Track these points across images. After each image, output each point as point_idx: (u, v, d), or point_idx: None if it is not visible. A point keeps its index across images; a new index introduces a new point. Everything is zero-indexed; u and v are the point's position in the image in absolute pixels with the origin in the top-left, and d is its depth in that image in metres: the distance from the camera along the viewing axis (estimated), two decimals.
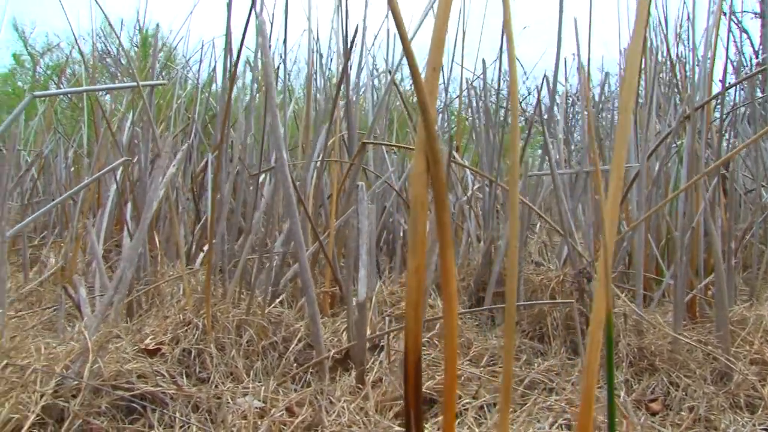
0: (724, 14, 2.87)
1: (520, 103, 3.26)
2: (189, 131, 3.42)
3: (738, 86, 3.06)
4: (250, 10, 1.64)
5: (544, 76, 2.39)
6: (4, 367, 1.42)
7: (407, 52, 0.95)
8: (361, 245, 1.47)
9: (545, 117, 2.46)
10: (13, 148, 1.47)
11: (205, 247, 2.83)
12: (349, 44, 2.41)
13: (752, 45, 5.17)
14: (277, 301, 1.92)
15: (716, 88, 2.49)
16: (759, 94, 3.05)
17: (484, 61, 2.50)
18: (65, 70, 5.29)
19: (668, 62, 2.71)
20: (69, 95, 5.26)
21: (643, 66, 2.66)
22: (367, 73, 2.50)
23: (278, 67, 2.59)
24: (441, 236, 0.98)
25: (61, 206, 3.56)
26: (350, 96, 2.41)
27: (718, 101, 2.40)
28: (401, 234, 2.71)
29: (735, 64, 3.67)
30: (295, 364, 1.72)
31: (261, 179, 2.39)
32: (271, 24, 2.58)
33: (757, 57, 4.94)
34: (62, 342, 1.52)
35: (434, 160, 0.97)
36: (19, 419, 1.31)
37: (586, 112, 2.84)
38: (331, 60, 2.77)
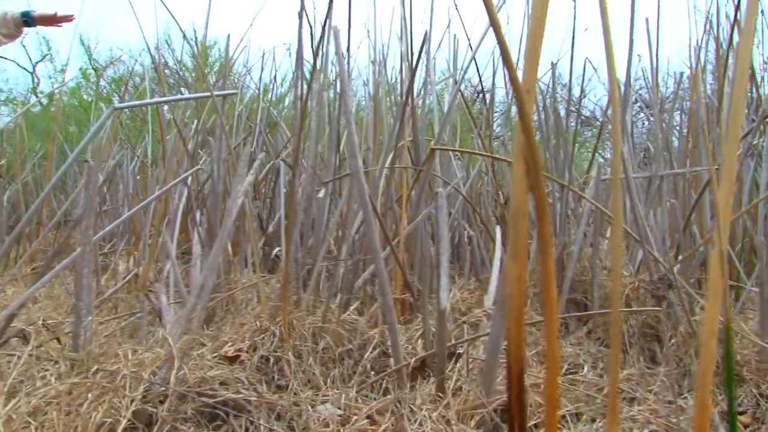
0: None
1: (580, 105, 3.20)
2: (251, 139, 3.46)
3: None
4: (326, 19, 1.64)
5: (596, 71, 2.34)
6: (95, 372, 1.46)
7: (508, 63, 0.94)
8: (442, 253, 1.46)
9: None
10: (99, 159, 1.51)
11: (272, 255, 2.86)
12: (415, 53, 2.41)
13: None
14: (352, 308, 1.92)
15: None
16: None
17: (553, 63, 2.46)
18: (128, 82, 5.44)
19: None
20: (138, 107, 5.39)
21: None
22: (431, 79, 2.49)
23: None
24: (541, 243, 0.96)
25: (84, 208, 3.64)
26: (416, 103, 2.41)
27: None
28: (467, 240, 2.69)
29: None
30: (372, 372, 1.72)
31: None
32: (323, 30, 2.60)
33: None
34: (148, 348, 1.55)
35: (534, 166, 0.96)
36: (112, 423, 1.34)
37: (668, 116, 2.77)
38: (394, 68, 2.78)
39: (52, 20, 3.46)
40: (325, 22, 1.60)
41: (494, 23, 0.94)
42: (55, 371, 1.51)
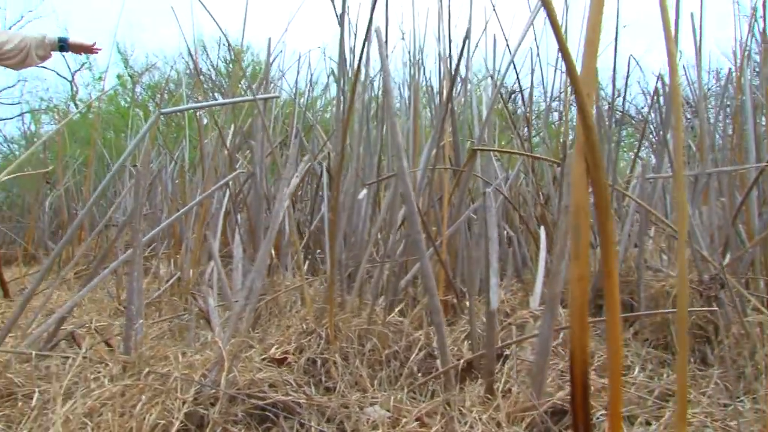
0: None
1: (617, 103, 3.14)
2: (289, 143, 3.48)
3: None
4: (369, 19, 1.64)
5: (659, 75, 2.30)
6: (147, 374, 1.47)
7: (569, 64, 0.93)
8: (492, 253, 1.45)
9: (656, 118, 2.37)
10: (147, 163, 1.52)
11: (312, 258, 2.86)
12: (456, 54, 2.39)
13: None
14: (397, 310, 1.92)
15: None
16: None
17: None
18: (164, 88, 5.51)
19: None
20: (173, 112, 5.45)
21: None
22: (470, 80, 2.47)
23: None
24: (604, 241, 0.94)
25: (168, 218, 3.69)
26: (454, 104, 2.39)
27: None
28: (507, 241, 2.67)
29: None
30: (419, 374, 1.71)
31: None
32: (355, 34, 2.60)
33: None
34: (197, 351, 1.56)
35: (595, 164, 0.94)
36: (165, 425, 1.35)
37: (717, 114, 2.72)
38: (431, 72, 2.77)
39: (85, 49, 3.63)
40: (369, 22, 1.60)
41: (555, 26, 0.92)
42: (108, 373, 1.53)
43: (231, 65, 6.67)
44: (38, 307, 2.17)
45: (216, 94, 7.85)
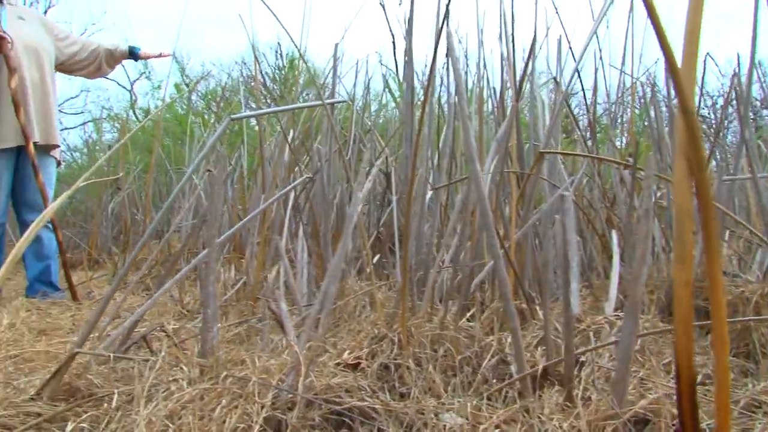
0: None
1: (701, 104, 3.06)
2: (347, 147, 3.50)
3: None
4: (442, 25, 1.63)
5: (735, 73, 2.23)
6: (225, 378, 1.49)
7: (670, 61, 0.89)
8: (572, 258, 1.41)
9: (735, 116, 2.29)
10: (224, 168, 1.54)
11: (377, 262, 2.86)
12: (518, 56, 2.36)
13: None
14: (469, 314, 1.90)
15: None
16: None
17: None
18: (222, 95, 5.61)
19: None
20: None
21: None
22: (536, 82, 2.43)
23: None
24: (708, 245, 0.91)
25: (229, 223, 3.75)
26: (518, 105, 2.36)
27: None
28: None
29: None
30: (494, 380, 1.68)
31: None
32: (438, 34, 2.57)
33: None
34: (274, 355, 1.57)
35: (698, 166, 0.91)
36: (244, 428, 1.36)
37: None
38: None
39: (156, 57, 3.76)
40: (443, 24, 1.58)
41: (658, 29, 0.89)
42: (186, 376, 1.55)
43: (284, 72, 6.75)
44: (111, 310, 2.21)
45: (269, 101, 7.96)
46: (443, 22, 1.62)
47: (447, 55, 2.44)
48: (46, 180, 3.60)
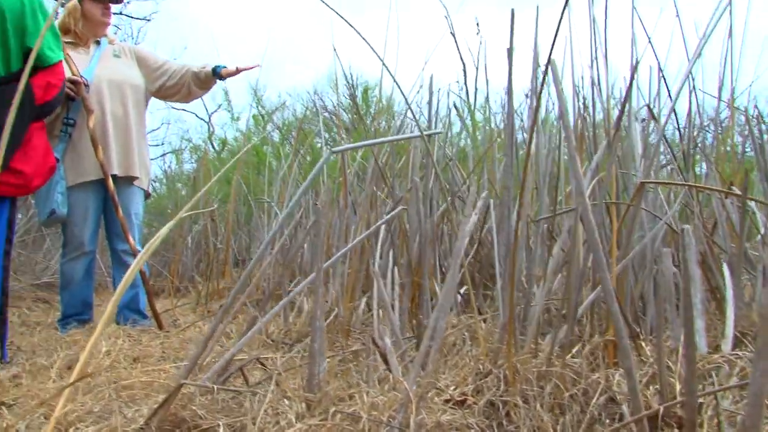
0: None
1: None
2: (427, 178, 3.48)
3: None
4: (550, 50, 1.61)
5: None
6: (334, 414, 1.48)
7: None
8: (694, 294, 1.36)
9: None
10: (329, 202, 1.55)
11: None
12: (613, 83, 2.30)
13: None
14: (574, 350, 1.84)
15: None
16: None
17: None
18: (300, 126, 5.71)
19: None
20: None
21: None
22: (633, 110, 2.38)
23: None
24: None
25: (312, 253, 3.77)
26: (616, 134, 2.30)
27: None
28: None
29: None
30: (606, 420, 1.62)
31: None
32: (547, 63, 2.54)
33: None
34: (381, 391, 1.55)
35: None
36: None
37: None
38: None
39: (236, 73, 3.83)
40: (550, 54, 1.56)
41: None
42: (293, 411, 1.55)
43: (358, 102, 6.85)
44: (205, 341, 2.24)
45: (342, 131, 8.07)
46: (551, 47, 1.60)
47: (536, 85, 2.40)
48: (132, 210, 3.72)
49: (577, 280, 1.71)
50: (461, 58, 5.05)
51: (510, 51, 1.89)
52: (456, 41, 4.65)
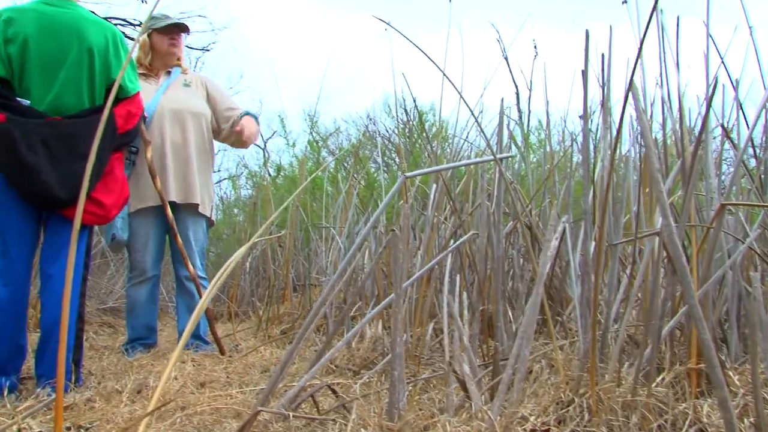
0: None
1: None
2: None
3: None
4: (632, 75, 1.57)
5: None
6: None
7: None
8: None
9: None
10: (407, 227, 1.54)
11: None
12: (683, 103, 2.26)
13: None
14: (660, 378, 1.78)
15: None
16: None
17: None
18: (356, 153, 5.76)
19: None
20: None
21: None
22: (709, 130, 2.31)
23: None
24: None
25: (373, 278, 3.77)
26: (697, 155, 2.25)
27: None
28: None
29: None
30: None
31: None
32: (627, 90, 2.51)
33: None
34: (462, 420, 1.52)
35: None
36: None
37: None
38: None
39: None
40: (632, 76, 1.53)
41: None
42: None
43: (412, 126, 6.87)
44: (281, 368, 2.25)
45: (394, 154, 8.10)
46: (632, 74, 1.56)
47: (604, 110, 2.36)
48: (193, 237, 3.74)
49: (661, 305, 1.65)
50: (514, 82, 5.02)
51: (585, 73, 1.86)
52: (509, 65, 4.63)
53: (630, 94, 1.59)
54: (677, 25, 2.32)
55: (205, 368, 3.24)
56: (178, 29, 3.78)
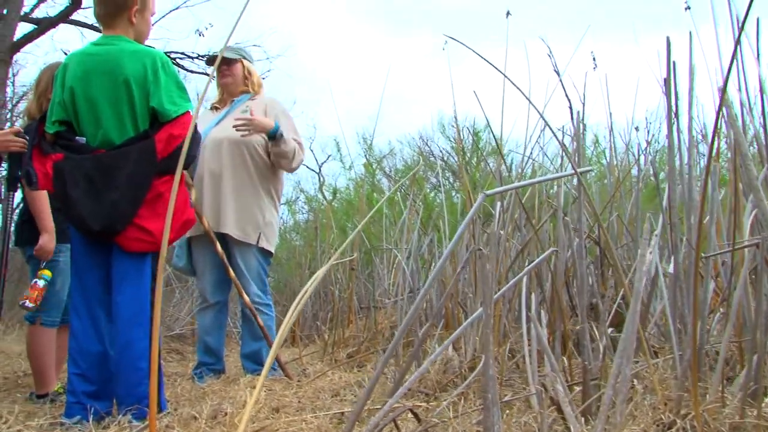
0: None
1: None
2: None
3: None
4: (724, 88, 1.51)
5: None
6: None
7: None
8: None
9: None
10: (495, 245, 1.50)
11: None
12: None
13: None
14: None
15: None
16: None
17: None
18: (414, 175, 5.75)
19: None
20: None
21: None
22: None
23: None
24: None
25: (446, 298, 3.72)
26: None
27: None
28: None
29: None
30: None
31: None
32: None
33: None
34: None
35: None
36: None
37: None
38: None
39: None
40: (725, 84, 1.47)
41: None
42: None
43: (466, 144, 6.84)
44: (366, 393, 2.22)
45: (448, 173, 8.07)
46: (725, 82, 1.50)
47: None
48: (244, 266, 3.69)
49: (765, 318, 1.57)
50: (567, 97, 4.95)
51: (668, 81, 1.80)
52: (561, 80, 4.56)
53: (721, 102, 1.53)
54: (757, 26, 2.23)
55: (276, 393, 3.23)
56: (222, 63, 3.78)
